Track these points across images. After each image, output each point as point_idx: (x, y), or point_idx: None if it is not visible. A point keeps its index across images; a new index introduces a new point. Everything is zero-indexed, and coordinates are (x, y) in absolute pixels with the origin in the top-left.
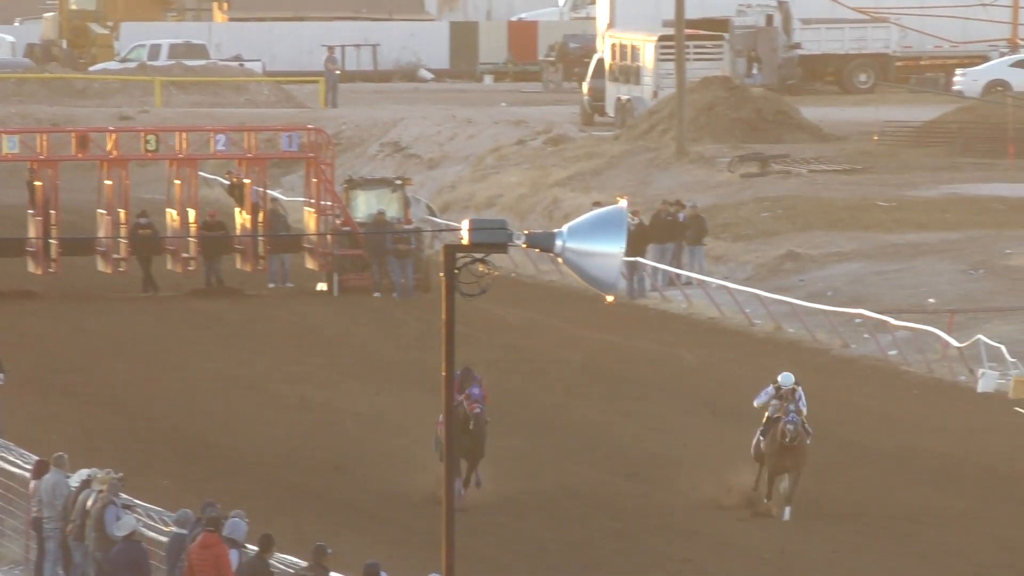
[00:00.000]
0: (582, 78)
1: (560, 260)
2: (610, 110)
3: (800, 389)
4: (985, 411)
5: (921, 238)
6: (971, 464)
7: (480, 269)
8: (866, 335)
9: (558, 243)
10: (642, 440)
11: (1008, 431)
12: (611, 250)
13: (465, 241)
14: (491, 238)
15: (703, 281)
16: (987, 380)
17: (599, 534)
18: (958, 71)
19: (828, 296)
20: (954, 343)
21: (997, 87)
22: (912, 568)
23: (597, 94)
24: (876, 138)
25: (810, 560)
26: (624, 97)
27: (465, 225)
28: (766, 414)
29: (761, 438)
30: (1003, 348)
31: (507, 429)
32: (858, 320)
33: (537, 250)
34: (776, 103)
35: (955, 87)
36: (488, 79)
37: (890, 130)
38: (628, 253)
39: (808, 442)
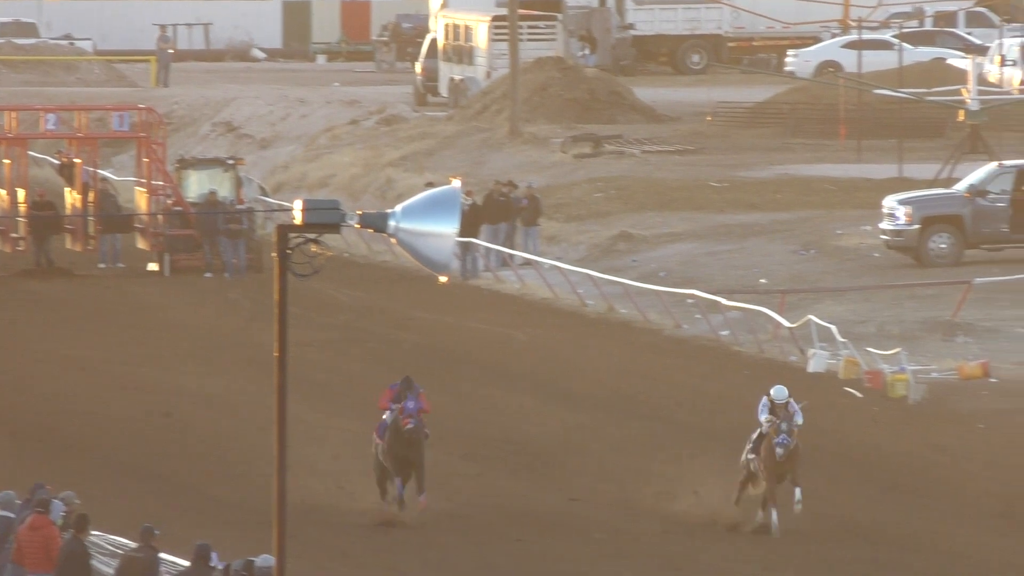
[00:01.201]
0: (415, 58)
1: (393, 240)
2: (443, 90)
3: (793, 402)
4: (816, 391)
5: (753, 219)
6: (802, 444)
7: (313, 249)
8: (698, 315)
9: (391, 223)
10: (475, 420)
11: (839, 411)
12: (444, 230)
13: (298, 221)
14: (324, 218)
15: (536, 262)
16: (818, 360)
17: (432, 515)
18: (790, 52)
19: (660, 277)
20: (785, 323)
21: (829, 68)
22: (746, 548)
23: (430, 74)
24: (709, 119)
25: (641, 540)
26: (457, 77)
27: (298, 205)
28: (758, 430)
29: (752, 456)
30: (833, 328)
31: (340, 410)
32: (690, 300)
33: (370, 230)
34: (609, 84)
35: (787, 68)
36: (321, 59)
37: (723, 111)
38: (461, 234)
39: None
